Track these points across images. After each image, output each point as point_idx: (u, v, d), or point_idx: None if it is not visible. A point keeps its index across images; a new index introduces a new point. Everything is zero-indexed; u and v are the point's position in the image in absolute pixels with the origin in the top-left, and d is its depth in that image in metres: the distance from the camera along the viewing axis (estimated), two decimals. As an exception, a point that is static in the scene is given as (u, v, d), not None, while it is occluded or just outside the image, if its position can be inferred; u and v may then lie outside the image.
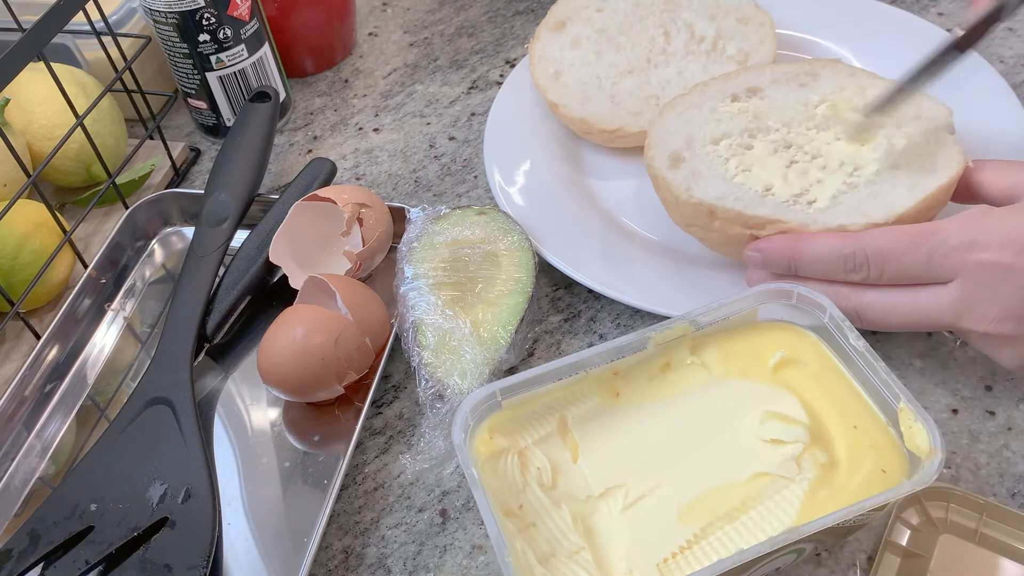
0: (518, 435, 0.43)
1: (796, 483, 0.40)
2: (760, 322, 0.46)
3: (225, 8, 0.62)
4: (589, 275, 0.54)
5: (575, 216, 0.58)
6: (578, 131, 0.63)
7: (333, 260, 0.57)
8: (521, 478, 0.42)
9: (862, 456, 0.41)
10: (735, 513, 0.40)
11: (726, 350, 0.45)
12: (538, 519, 0.41)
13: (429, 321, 0.50)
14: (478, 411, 0.42)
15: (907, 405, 0.39)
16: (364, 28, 0.79)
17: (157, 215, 0.62)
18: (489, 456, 0.42)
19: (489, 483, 0.41)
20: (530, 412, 0.44)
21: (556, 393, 0.44)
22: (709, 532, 0.40)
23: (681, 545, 0.39)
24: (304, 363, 0.48)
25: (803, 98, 0.55)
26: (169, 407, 0.49)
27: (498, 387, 0.43)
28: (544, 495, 0.41)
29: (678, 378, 0.45)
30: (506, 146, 0.63)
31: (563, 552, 0.40)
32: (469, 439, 0.42)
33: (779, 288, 0.45)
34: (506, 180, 0.60)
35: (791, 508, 0.40)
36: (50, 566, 0.44)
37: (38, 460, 0.51)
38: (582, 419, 0.44)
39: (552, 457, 0.43)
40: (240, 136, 0.61)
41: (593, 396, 0.44)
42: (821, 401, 0.43)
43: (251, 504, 0.48)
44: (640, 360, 0.45)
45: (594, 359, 0.44)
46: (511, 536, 0.39)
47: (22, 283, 0.56)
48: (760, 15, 0.65)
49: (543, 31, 0.67)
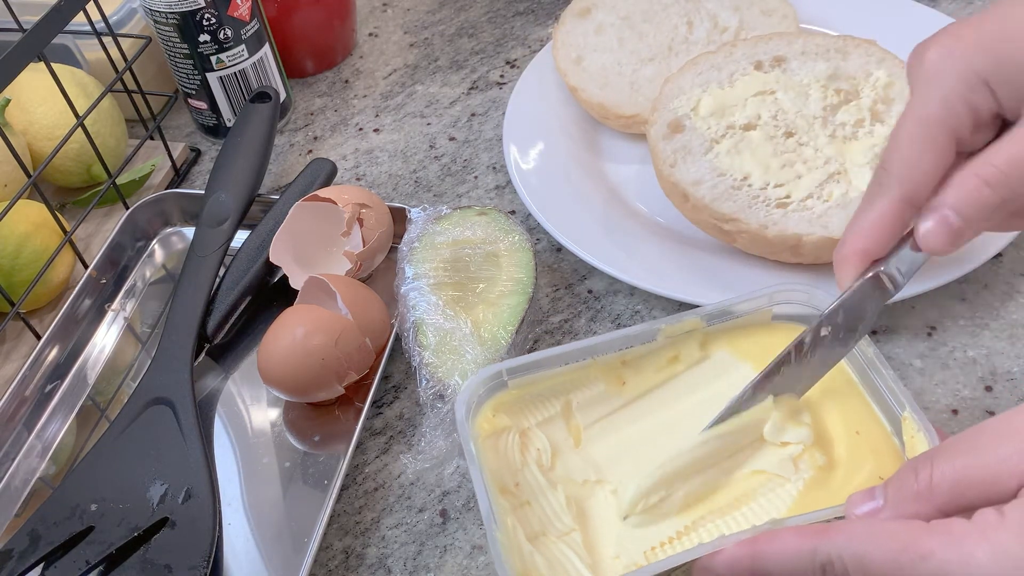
0: (521, 416, 0.44)
1: (791, 483, 0.41)
2: (773, 322, 0.46)
3: (225, 8, 0.62)
4: (598, 256, 0.54)
5: (588, 198, 0.59)
6: (597, 116, 0.63)
7: (333, 260, 0.57)
8: (520, 458, 0.42)
9: (861, 461, 0.41)
10: (728, 508, 0.40)
11: (736, 347, 0.45)
12: (533, 498, 0.41)
13: (430, 321, 0.50)
14: (483, 389, 0.43)
15: (911, 415, 0.39)
16: (364, 28, 0.79)
17: (157, 215, 0.62)
18: (490, 433, 0.42)
19: (488, 460, 0.41)
20: (535, 394, 0.44)
21: (563, 377, 0.44)
22: (699, 524, 0.40)
23: (670, 535, 0.40)
24: (304, 363, 0.48)
25: (824, 74, 0.55)
26: (169, 407, 0.49)
27: (505, 367, 0.43)
28: (542, 476, 0.42)
29: (685, 372, 0.45)
30: (525, 127, 0.63)
31: (554, 532, 0.40)
32: (472, 416, 0.42)
33: (796, 288, 0.45)
34: (523, 159, 0.61)
35: (783, 506, 0.40)
36: (50, 566, 0.44)
37: (38, 460, 0.51)
38: (587, 405, 0.44)
39: (553, 440, 0.43)
40: (240, 136, 0.61)
41: (599, 383, 0.45)
42: (825, 404, 0.43)
43: (251, 504, 0.48)
44: (649, 351, 0.45)
45: (603, 346, 0.44)
46: (503, 512, 0.40)
47: (22, 283, 0.56)
48: (784, 7, 0.65)
49: (568, 17, 0.67)
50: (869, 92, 0.54)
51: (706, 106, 0.55)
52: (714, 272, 0.53)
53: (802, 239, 0.50)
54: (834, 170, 0.52)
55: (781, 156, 0.53)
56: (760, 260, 0.54)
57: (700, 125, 0.55)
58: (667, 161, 0.53)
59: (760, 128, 0.54)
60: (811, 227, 0.50)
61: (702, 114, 0.55)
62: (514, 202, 0.62)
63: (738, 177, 0.52)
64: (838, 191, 0.51)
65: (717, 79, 0.56)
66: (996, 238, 0.52)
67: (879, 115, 0.54)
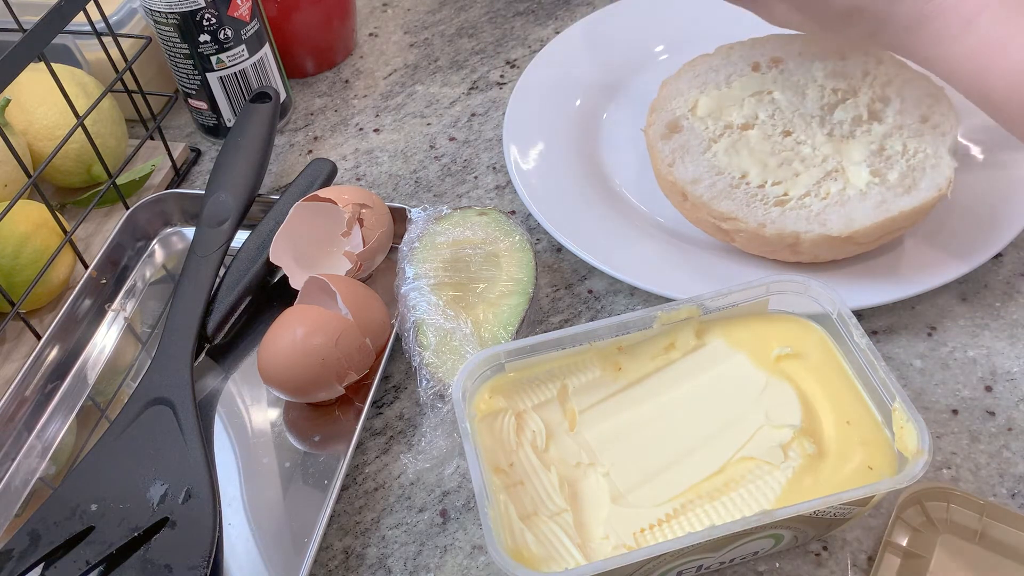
0: (518, 398, 0.44)
1: (780, 470, 0.41)
2: (769, 312, 0.46)
3: (226, 8, 0.62)
4: (598, 256, 0.54)
5: (588, 198, 0.59)
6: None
7: (333, 260, 0.57)
8: (515, 439, 0.43)
9: (851, 451, 0.41)
10: (716, 493, 0.41)
11: (731, 336, 0.46)
12: (526, 478, 0.42)
13: (430, 321, 0.50)
14: (481, 371, 0.44)
15: (901, 405, 0.40)
16: (364, 28, 0.79)
17: (158, 215, 0.62)
18: (487, 414, 0.43)
19: (483, 439, 0.42)
20: (532, 377, 0.45)
21: (559, 362, 0.45)
22: (688, 508, 0.40)
23: (659, 518, 0.40)
24: (304, 363, 0.48)
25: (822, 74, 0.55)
26: (170, 407, 0.49)
27: (503, 350, 0.44)
28: (535, 457, 0.42)
29: (680, 359, 0.46)
30: (525, 127, 0.63)
31: (545, 512, 0.41)
32: (469, 396, 0.43)
33: (792, 280, 0.45)
34: (523, 159, 0.61)
35: (772, 493, 0.40)
36: (51, 566, 0.44)
37: (39, 460, 0.51)
38: (583, 389, 0.45)
39: (549, 423, 0.44)
40: (240, 136, 0.61)
41: (596, 368, 0.45)
42: (817, 394, 0.43)
43: (252, 504, 0.48)
44: (645, 338, 0.46)
45: (600, 331, 0.45)
46: (495, 490, 0.40)
47: (23, 283, 0.56)
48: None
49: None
50: (867, 90, 0.54)
51: (703, 106, 0.56)
52: (714, 272, 0.54)
53: (800, 237, 0.50)
54: (832, 168, 0.52)
55: (779, 154, 0.53)
56: (759, 259, 0.54)
57: (698, 125, 0.55)
58: (665, 161, 0.54)
59: (758, 127, 0.54)
60: (809, 225, 0.50)
61: (700, 114, 0.55)
62: (514, 202, 0.62)
63: (736, 176, 0.52)
64: (836, 189, 0.51)
65: (715, 80, 0.57)
66: (996, 238, 0.52)
67: (877, 114, 0.54)
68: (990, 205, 0.54)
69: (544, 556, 0.39)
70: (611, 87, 0.67)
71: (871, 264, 0.53)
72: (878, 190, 0.50)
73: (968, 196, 0.54)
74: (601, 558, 0.39)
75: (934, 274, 0.51)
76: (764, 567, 0.44)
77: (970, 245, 0.52)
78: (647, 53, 0.69)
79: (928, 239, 0.53)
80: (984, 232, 0.52)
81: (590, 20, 0.70)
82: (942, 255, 0.52)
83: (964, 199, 0.54)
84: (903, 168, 0.51)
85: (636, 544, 0.39)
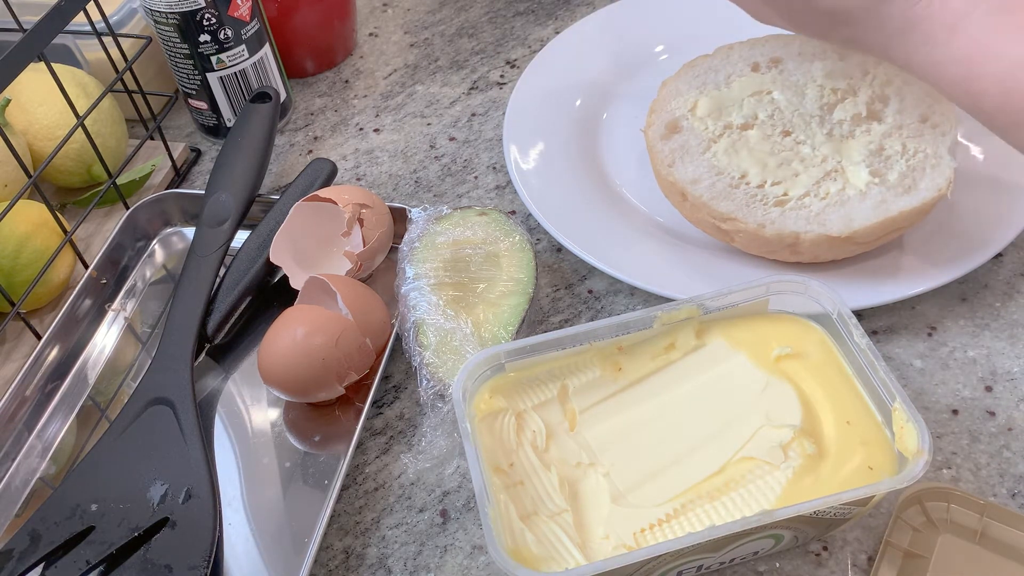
0: (518, 398, 0.44)
1: (780, 470, 0.41)
2: (769, 312, 0.46)
3: (226, 9, 0.62)
4: (598, 256, 0.54)
5: (589, 198, 0.59)
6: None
7: (334, 260, 0.57)
8: (515, 439, 0.43)
9: (851, 451, 0.41)
10: (716, 493, 0.41)
11: (731, 336, 0.46)
12: (526, 478, 0.42)
13: (430, 321, 0.50)
14: (481, 371, 0.44)
15: (901, 405, 0.40)
16: (364, 28, 0.80)
17: (158, 215, 0.62)
18: (487, 414, 0.43)
19: (483, 439, 0.42)
20: (532, 377, 0.45)
21: (560, 362, 0.45)
22: (688, 509, 0.40)
23: (660, 518, 0.40)
24: (305, 363, 0.48)
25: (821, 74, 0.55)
26: (170, 407, 0.49)
27: (503, 350, 0.44)
28: (536, 457, 0.42)
29: (680, 359, 0.46)
30: (525, 127, 0.63)
31: (545, 512, 0.41)
32: (469, 396, 0.43)
33: (792, 280, 0.45)
34: (523, 159, 0.61)
35: (772, 494, 0.40)
36: (51, 566, 0.44)
37: (39, 460, 0.51)
38: (583, 389, 0.45)
39: (549, 423, 0.44)
40: (241, 136, 0.61)
41: (596, 368, 0.45)
42: (817, 394, 0.43)
43: (252, 504, 0.48)
44: (645, 338, 0.46)
45: (600, 331, 0.45)
46: (496, 489, 0.40)
47: (23, 283, 0.56)
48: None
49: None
50: (866, 90, 0.54)
51: (703, 107, 0.56)
52: (713, 272, 0.54)
53: (800, 237, 0.50)
54: (831, 168, 0.52)
55: (778, 154, 0.53)
56: (759, 259, 0.54)
57: (697, 125, 0.55)
58: (665, 161, 0.54)
59: (757, 127, 0.54)
60: (809, 225, 0.50)
61: (699, 114, 0.55)
62: (514, 202, 0.62)
63: (736, 176, 0.52)
64: (835, 189, 0.51)
65: (714, 81, 0.57)
66: (996, 238, 0.52)
67: (876, 114, 0.54)
68: (990, 205, 0.54)
69: (544, 556, 0.39)
70: (611, 87, 0.67)
71: (871, 264, 0.53)
72: (878, 190, 0.50)
73: (968, 196, 0.54)
74: (601, 558, 0.39)
75: (934, 274, 0.51)
76: (764, 567, 0.44)
77: (970, 245, 0.52)
78: (647, 53, 0.69)
79: (928, 239, 0.53)
80: (984, 232, 0.52)
81: (590, 20, 0.70)
82: (942, 255, 0.52)
83: (964, 199, 0.54)
84: (903, 168, 0.51)
85: (636, 544, 0.39)
